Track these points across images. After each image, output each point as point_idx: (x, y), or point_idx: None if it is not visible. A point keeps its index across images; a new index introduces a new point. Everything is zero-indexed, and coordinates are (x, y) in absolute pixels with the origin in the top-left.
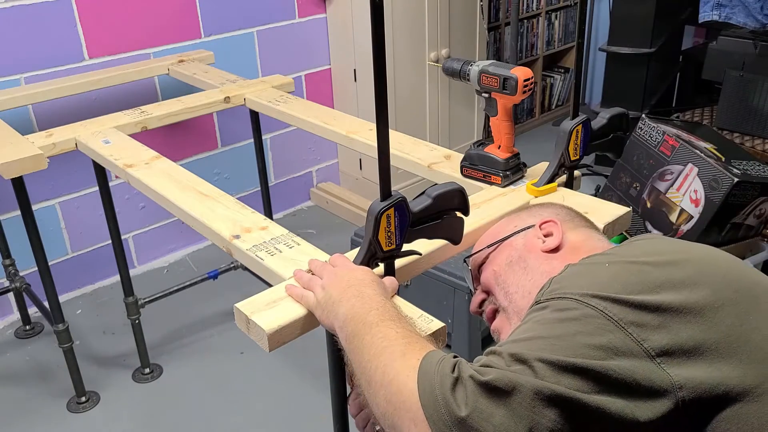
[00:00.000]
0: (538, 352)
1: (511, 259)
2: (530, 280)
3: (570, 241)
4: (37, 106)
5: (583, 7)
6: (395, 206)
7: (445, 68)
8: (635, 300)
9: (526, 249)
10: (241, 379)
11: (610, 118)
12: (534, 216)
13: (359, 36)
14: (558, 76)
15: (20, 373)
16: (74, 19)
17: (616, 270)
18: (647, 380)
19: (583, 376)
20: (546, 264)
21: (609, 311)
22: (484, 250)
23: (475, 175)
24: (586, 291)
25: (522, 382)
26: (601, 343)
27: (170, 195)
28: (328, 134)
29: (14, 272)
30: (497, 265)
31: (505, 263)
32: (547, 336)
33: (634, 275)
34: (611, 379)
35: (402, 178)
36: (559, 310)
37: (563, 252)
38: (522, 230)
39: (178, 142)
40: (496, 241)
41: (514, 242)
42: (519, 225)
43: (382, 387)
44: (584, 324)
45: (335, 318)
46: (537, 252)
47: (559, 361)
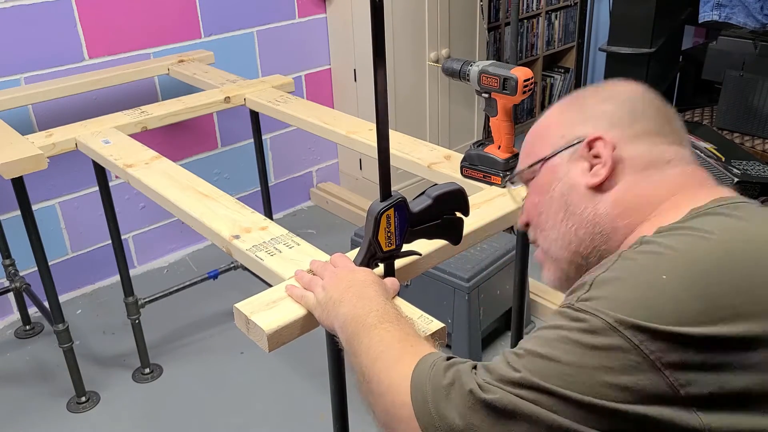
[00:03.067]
0: (551, 380)
1: (551, 191)
2: (571, 227)
3: (626, 173)
4: (37, 106)
5: (583, 7)
6: (395, 206)
7: (444, 68)
8: (686, 333)
9: (569, 181)
10: (241, 379)
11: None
12: (587, 119)
13: (359, 36)
14: (558, 76)
15: (20, 373)
16: (74, 19)
17: (674, 288)
18: (673, 425)
19: (596, 414)
20: (590, 207)
21: (645, 347)
22: (524, 171)
23: (475, 175)
24: (623, 315)
25: (524, 410)
26: (627, 384)
27: (170, 195)
28: (328, 134)
29: (14, 272)
30: (538, 194)
31: (546, 195)
32: (566, 363)
33: (697, 300)
34: (628, 420)
35: (402, 178)
36: (588, 332)
37: (615, 192)
38: (566, 148)
39: (178, 142)
40: (536, 161)
41: (556, 166)
42: (566, 135)
43: (380, 397)
44: (611, 358)
45: (335, 318)
46: (581, 187)
47: (571, 397)
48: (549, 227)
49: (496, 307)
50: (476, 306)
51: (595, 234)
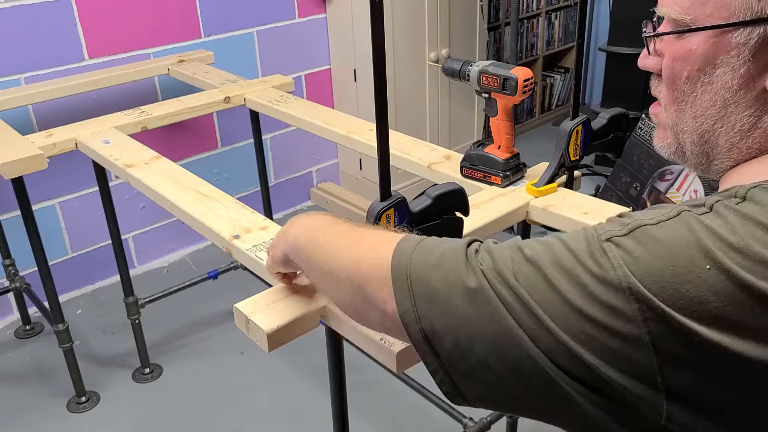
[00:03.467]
0: (542, 304)
1: (708, 73)
2: (717, 128)
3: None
4: (37, 106)
5: (583, 7)
6: (395, 206)
7: (444, 68)
8: (698, 332)
9: (744, 74)
10: (241, 379)
11: (610, 118)
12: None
13: (359, 36)
14: (558, 76)
15: (20, 373)
16: (74, 19)
17: (710, 284)
18: (634, 397)
19: (566, 354)
20: (754, 115)
21: (649, 326)
22: (670, 33)
23: (475, 175)
24: (643, 287)
25: (502, 317)
26: (611, 346)
27: (170, 195)
28: (328, 134)
29: (14, 272)
30: (682, 63)
31: (697, 73)
32: (563, 297)
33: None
34: (592, 374)
35: (402, 178)
36: (600, 282)
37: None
38: (747, 23)
39: (178, 142)
40: (700, 26)
41: (731, 44)
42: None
43: (352, 282)
44: (610, 318)
45: (286, 238)
46: (757, 88)
47: (550, 328)
48: (687, 111)
49: None
50: None
51: (738, 146)
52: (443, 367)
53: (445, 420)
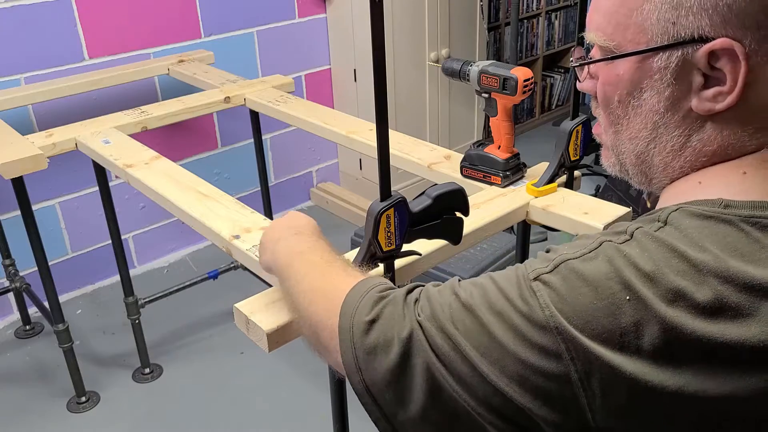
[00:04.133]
0: (477, 349)
1: (635, 96)
2: (651, 149)
3: (748, 103)
4: (37, 106)
5: (583, 7)
6: (395, 206)
7: (444, 68)
8: (622, 367)
9: (669, 97)
10: (241, 379)
11: None
12: (709, 5)
13: (359, 36)
14: (558, 76)
15: (20, 373)
16: (74, 19)
17: (633, 317)
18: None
19: (493, 393)
20: (683, 134)
21: (576, 365)
22: (594, 62)
23: (475, 175)
24: (570, 325)
25: (422, 350)
26: (538, 384)
27: (170, 195)
28: (328, 134)
29: (14, 272)
30: (611, 87)
31: (625, 96)
32: (497, 341)
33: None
34: (516, 408)
35: (402, 178)
36: (529, 322)
37: (722, 125)
38: (674, 46)
39: (178, 142)
40: (621, 53)
41: (653, 69)
42: (678, 22)
43: (310, 319)
44: (539, 357)
45: (272, 250)
46: (683, 109)
47: (486, 376)
48: (623, 133)
49: None
50: None
51: (672, 165)
52: (385, 417)
53: None
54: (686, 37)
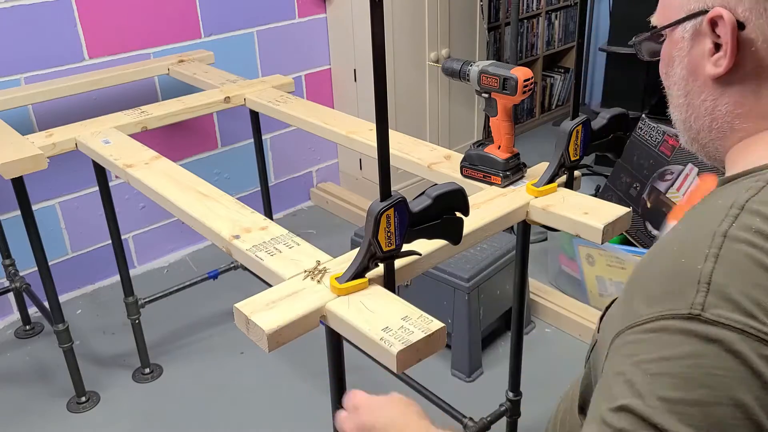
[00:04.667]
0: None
1: (674, 66)
2: (690, 115)
3: (760, 60)
4: (37, 106)
5: (583, 7)
6: (395, 206)
7: (444, 68)
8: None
9: (690, 63)
10: (241, 379)
11: (610, 118)
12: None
13: (359, 36)
14: (558, 76)
15: (20, 373)
16: (74, 19)
17: None
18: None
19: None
20: (710, 99)
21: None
22: (649, 35)
23: (475, 175)
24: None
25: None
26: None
27: (170, 195)
28: (328, 134)
29: (14, 272)
30: (664, 62)
31: (670, 69)
32: (716, 403)
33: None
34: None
35: (402, 178)
36: (731, 354)
37: (741, 87)
38: (686, 19)
39: (178, 142)
40: (659, 27)
41: (677, 40)
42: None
43: None
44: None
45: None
46: (701, 74)
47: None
48: (672, 104)
49: (496, 307)
50: (476, 306)
51: (712, 129)
52: None
53: (445, 420)
54: (695, 10)
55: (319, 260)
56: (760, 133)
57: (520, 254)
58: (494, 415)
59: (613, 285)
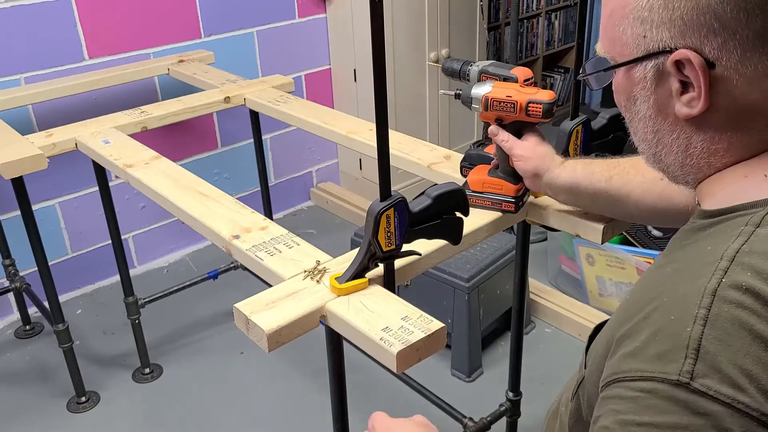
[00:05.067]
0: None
1: (636, 103)
2: (660, 150)
3: (733, 96)
4: (37, 106)
5: (583, 7)
6: (395, 206)
7: (444, 68)
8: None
9: (656, 103)
10: (241, 379)
11: (610, 118)
12: (675, 16)
13: (359, 36)
14: (558, 76)
15: (20, 373)
16: (74, 19)
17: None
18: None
19: None
20: (683, 136)
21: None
22: (588, 75)
23: None
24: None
25: None
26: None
27: (170, 195)
28: (328, 134)
29: (14, 272)
30: (621, 94)
31: (630, 103)
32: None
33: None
34: None
35: (402, 178)
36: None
37: (716, 124)
38: (647, 57)
39: (178, 142)
40: (608, 65)
41: (637, 78)
42: (648, 35)
43: None
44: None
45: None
46: (671, 114)
47: None
48: (637, 135)
49: (496, 307)
50: (476, 306)
51: (685, 165)
52: None
53: (445, 420)
54: (654, 49)
55: (319, 260)
56: (737, 164)
57: (520, 254)
58: (494, 415)
59: (613, 285)
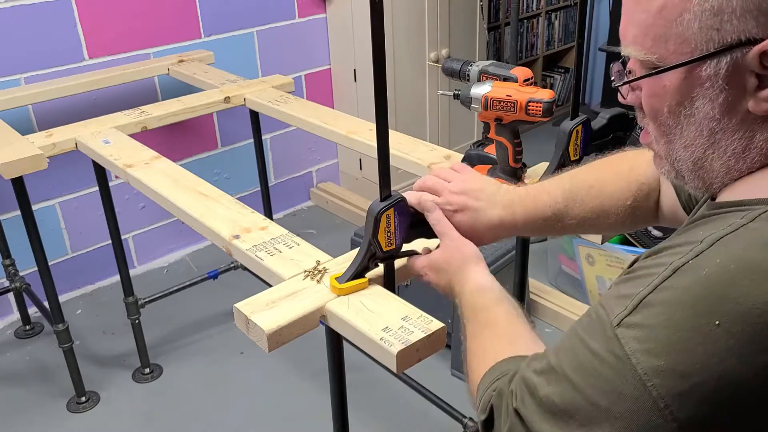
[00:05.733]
0: (576, 410)
1: (687, 105)
2: (710, 154)
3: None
4: (37, 106)
5: (583, 7)
6: (395, 206)
7: (444, 68)
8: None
9: (724, 101)
10: (241, 379)
11: (610, 118)
12: (751, 6)
13: (359, 36)
14: (558, 76)
15: (20, 373)
16: (74, 19)
17: (723, 347)
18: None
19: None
20: (744, 137)
21: (670, 411)
22: (637, 80)
23: None
24: (655, 366)
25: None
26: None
27: (170, 195)
28: (328, 134)
29: (14, 272)
30: (658, 98)
31: (675, 107)
32: (590, 401)
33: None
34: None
35: (402, 178)
36: (618, 374)
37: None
38: (722, 51)
39: (178, 142)
40: (666, 66)
41: (703, 77)
42: (722, 28)
43: (468, 367)
44: (632, 411)
45: (461, 285)
46: (740, 112)
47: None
48: (676, 142)
49: None
50: None
51: (736, 168)
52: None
53: (445, 420)
54: (733, 41)
55: (319, 260)
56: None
57: (520, 254)
58: None
59: None
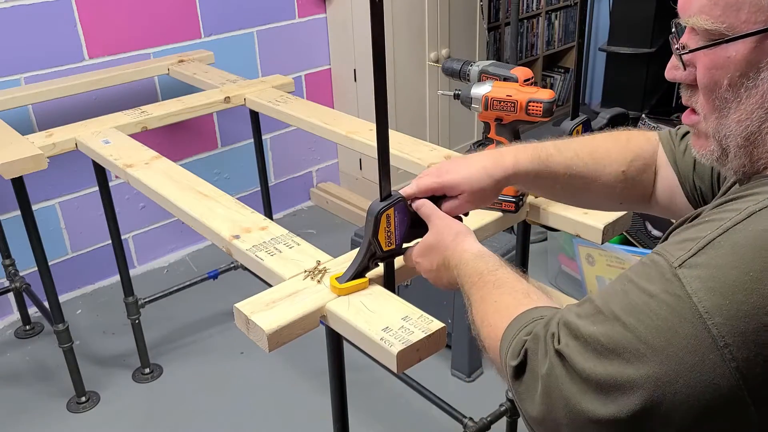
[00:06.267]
0: (629, 353)
1: (752, 77)
2: (765, 125)
3: None
4: (37, 106)
5: (583, 7)
6: (395, 206)
7: (444, 68)
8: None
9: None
10: (241, 379)
11: (610, 118)
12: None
13: (359, 36)
14: (558, 76)
15: (20, 373)
16: (74, 19)
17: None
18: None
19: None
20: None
21: (731, 353)
22: (707, 47)
23: None
24: (720, 310)
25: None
26: (699, 382)
27: (170, 195)
28: (328, 134)
29: (14, 272)
30: (721, 70)
31: (737, 79)
32: (646, 342)
33: None
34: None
35: (402, 178)
36: (678, 315)
37: None
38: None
39: (178, 142)
40: (733, 35)
41: (765, 48)
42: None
43: (481, 329)
44: (693, 352)
45: (448, 267)
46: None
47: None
48: (730, 117)
49: None
50: None
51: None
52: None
53: (445, 420)
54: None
55: (319, 260)
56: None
57: (520, 254)
58: (494, 415)
59: None
